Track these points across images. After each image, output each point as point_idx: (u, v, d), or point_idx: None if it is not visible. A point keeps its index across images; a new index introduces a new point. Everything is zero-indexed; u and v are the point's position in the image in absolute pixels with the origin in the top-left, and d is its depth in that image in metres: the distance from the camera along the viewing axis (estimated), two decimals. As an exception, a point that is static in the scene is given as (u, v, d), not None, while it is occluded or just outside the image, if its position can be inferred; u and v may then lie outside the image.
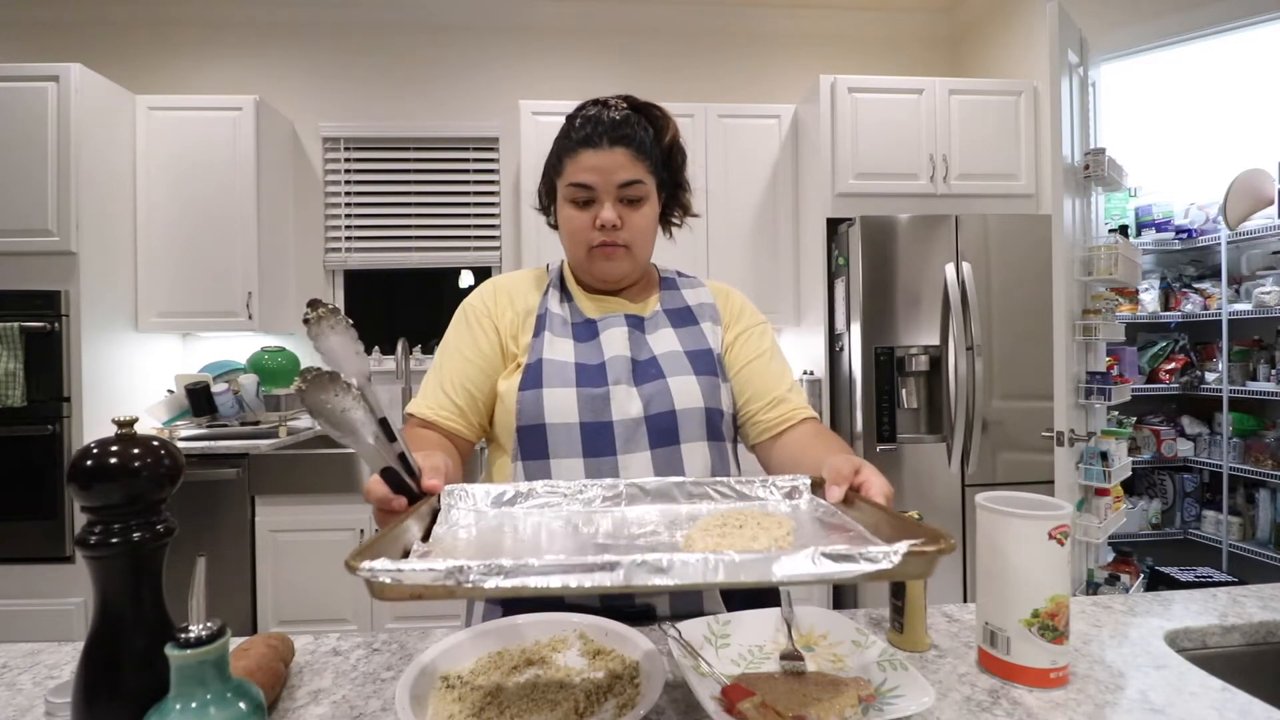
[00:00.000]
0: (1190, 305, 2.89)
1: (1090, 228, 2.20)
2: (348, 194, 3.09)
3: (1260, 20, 2.24)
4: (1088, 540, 1.99)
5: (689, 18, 3.20)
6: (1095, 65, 2.43)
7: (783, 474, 0.76)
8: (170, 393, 2.66)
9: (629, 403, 0.87)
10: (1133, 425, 2.60)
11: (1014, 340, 2.43)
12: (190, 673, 0.47)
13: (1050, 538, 0.64)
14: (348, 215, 3.10)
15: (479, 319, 0.95)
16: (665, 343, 0.94)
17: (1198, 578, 2.66)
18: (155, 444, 0.55)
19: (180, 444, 2.36)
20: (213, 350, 2.97)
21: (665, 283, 1.03)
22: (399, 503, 0.61)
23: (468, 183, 3.14)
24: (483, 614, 0.88)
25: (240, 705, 0.48)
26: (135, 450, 0.53)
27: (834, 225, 2.64)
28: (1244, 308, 2.67)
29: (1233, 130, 2.88)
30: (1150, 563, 2.85)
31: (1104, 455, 1.97)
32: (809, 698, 0.57)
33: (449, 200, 3.13)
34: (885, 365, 2.42)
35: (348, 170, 3.09)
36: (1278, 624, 0.79)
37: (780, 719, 0.53)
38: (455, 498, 0.68)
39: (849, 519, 0.62)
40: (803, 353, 2.89)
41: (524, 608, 0.78)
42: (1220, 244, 2.76)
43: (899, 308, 2.43)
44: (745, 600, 0.84)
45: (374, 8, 3.06)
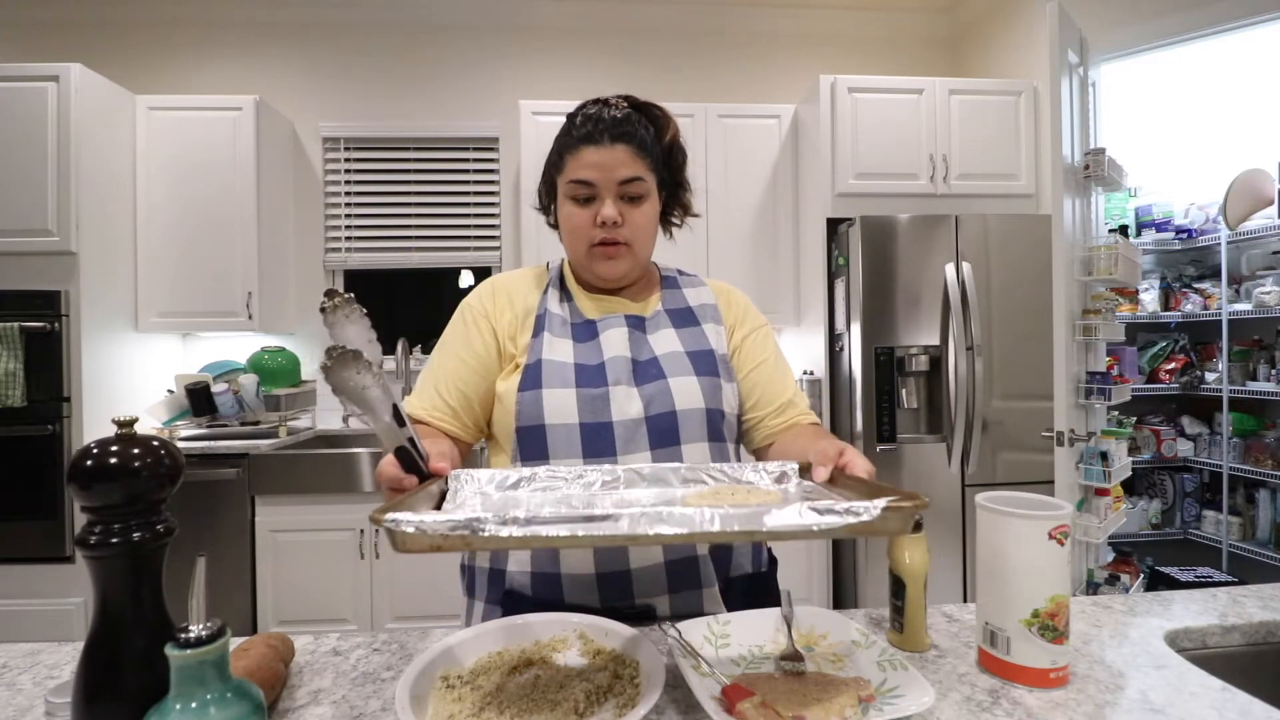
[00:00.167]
0: (1190, 305, 2.89)
1: (1090, 228, 2.20)
2: (348, 194, 3.09)
3: (1260, 20, 2.24)
4: (1088, 540, 1.99)
5: (689, 18, 3.20)
6: (1095, 65, 2.43)
7: None
8: (170, 393, 2.66)
9: (629, 403, 0.87)
10: (1133, 425, 2.60)
11: (1014, 340, 2.43)
12: (190, 673, 0.47)
13: (1050, 538, 0.64)
14: (348, 215, 3.10)
15: (476, 320, 0.95)
16: (666, 343, 0.94)
17: (1198, 578, 2.66)
18: (155, 444, 0.55)
19: (180, 444, 2.36)
20: (213, 350, 2.97)
21: (666, 282, 1.03)
22: (410, 482, 0.64)
23: (468, 183, 3.14)
24: (482, 614, 0.88)
25: (240, 705, 0.48)
26: (135, 450, 0.53)
27: (834, 225, 2.64)
28: (1244, 308, 2.67)
29: (1233, 130, 2.88)
30: (1150, 563, 2.85)
31: (1104, 455, 1.97)
32: (809, 698, 0.57)
33: (449, 200, 3.13)
34: (885, 365, 2.42)
35: (348, 170, 3.09)
36: (1278, 624, 0.79)
37: (780, 719, 0.53)
38: (461, 481, 0.72)
39: (834, 494, 0.66)
40: (803, 353, 2.89)
41: (524, 609, 0.79)
42: (1220, 244, 2.76)
43: (899, 308, 2.43)
44: (745, 600, 0.84)
45: (374, 8, 3.06)
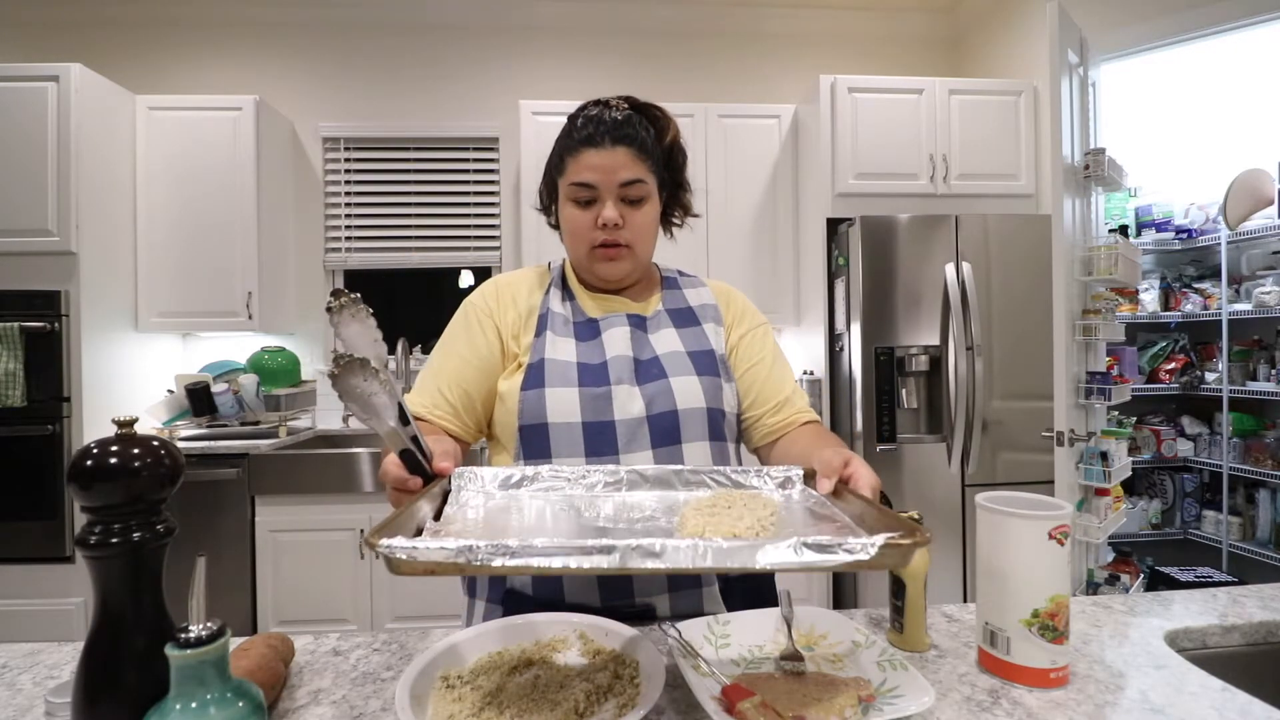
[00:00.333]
0: (1190, 305, 2.89)
1: (1090, 228, 2.20)
2: (348, 194, 3.09)
3: (1260, 20, 2.24)
4: (1088, 540, 1.99)
5: (689, 18, 3.20)
6: (1095, 65, 2.43)
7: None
8: (170, 393, 2.66)
9: (631, 402, 0.88)
10: (1133, 425, 2.60)
11: (1014, 340, 2.43)
12: (190, 673, 0.47)
13: (1050, 538, 0.64)
14: (348, 215, 3.10)
15: (479, 318, 0.95)
16: (667, 343, 0.94)
17: (1198, 578, 2.66)
18: (155, 444, 0.55)
19: (180, 444, 2.36)
20: (213, 350, 2.97)
21: (667, 282, 1.03)
22: (414, 483, 0.65)
23: (468, 183, 3.14)
24: (483, 614, 0.88)
25: (240, 705, 0.48)
26: (135, 450, 0.53)
27: (834, 225, 2.64)
28: (1244, 308, 2.67)
29: (1233, 130, 2.88)
30: (1150, 563, 2.85)
31: (1104, 455, 1.97)
32: (809, 698, 0.57)
33: (449, 200, 3.13)
34: (885, 365, 2.42)
35: (348, 170, 3.09)
36: (1278, 624, 0.79)
37: (780, 719, 0.53)
38: (465, 480, 0.72)
39: (836, 509, 0.65)
40: (803, 353, 2.90)
41: (526, 608, 0.79)
42: (1220, 244, 2.76)
43: (899, 308, 2.43)
44: (745, 600, 0.84)
45: (374, 8, 3.06)
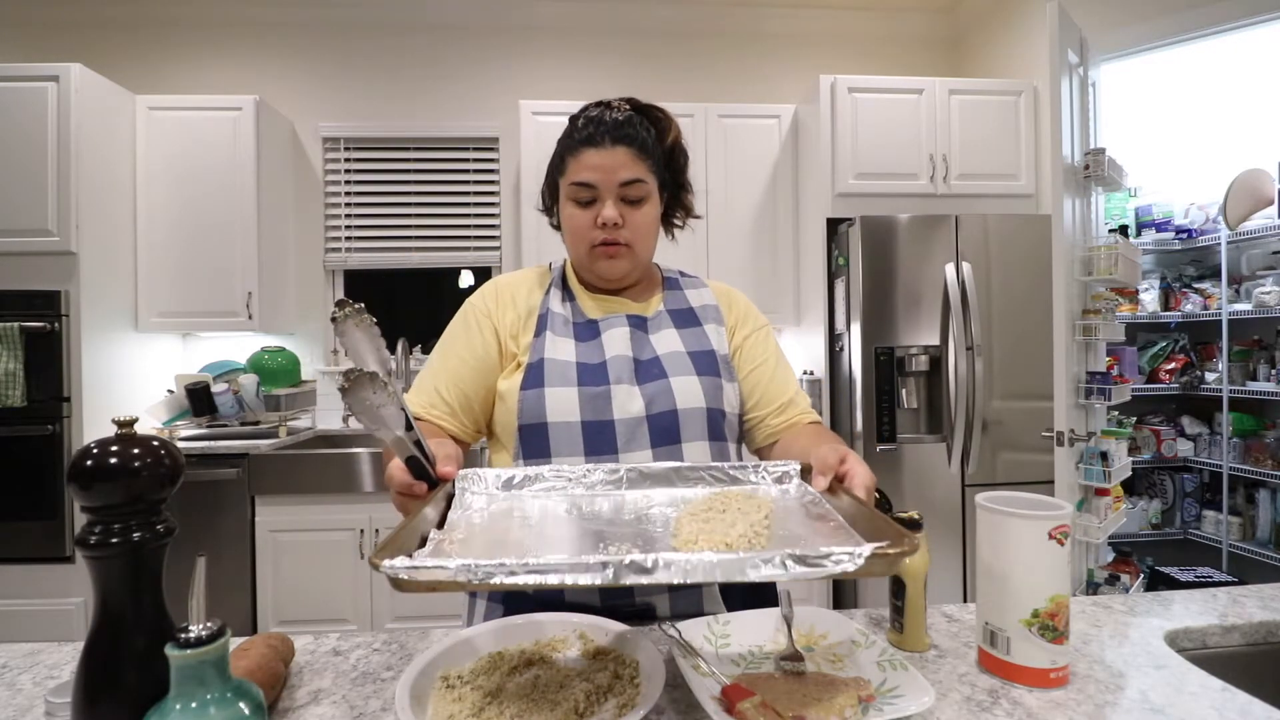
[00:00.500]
0: (1190, 305, 2.89)
1: (1090, 228, 2.20)
2: (348, 194, 3.09)
3: (1260, 20, 2.24)
4: (1088, 540, 1.99)
5: (689, 18, 3.20)
6: (1095, 65, 2.43)
7: None
8: (170, 393, 2.66)
9: (630, 402, 0.88)
10: (1133, 425, 2.60)
11: (1014, 340, 2.43)
12: (190, 673, 0.47)
13: (1050, 538, 0.64)
14: (348, 215, 3.10)
15: (479, 319, 0.96)
16: (668, 343, 0.95)
17: (1198, 578, 2.66)
18: (155, 444, 0.55)
19: (180, 444, 2.36)
20: (213, 350, 2.97)
21: (668, 283, 1.04)
22: (419, 488, 0.66)
23: (468, 183, 3.14)
24: (484, 613, 0.88)
25: (240, 705, 0.48)
26: (135, 450, 0.53)
27: (834, 225, 2.64)
28: (1244, 308, 2.67)
29: (1233, 130, 2.88)
30: (1150, 563, 2.85)
31: (1104, 455, 1.97)
32: (809, 698, 0.57)
33: (449, 200, 3.13)
34: (885, 365, 2.42)
35: (348, 170, 3.09)
36: (1278, 624, 0.79)
37: (780, 719, 0.53)
38: (469, 482, 0.73)
39: (830, 508, 0.66)
40: (803, 353, 2.89)
41: (526, 607, 0.79)
42: (1220, 244, 2.76)
43: (899, 308, 2.43)
44: (745, 600, 0.84)
45: (374, 8, 3.06)
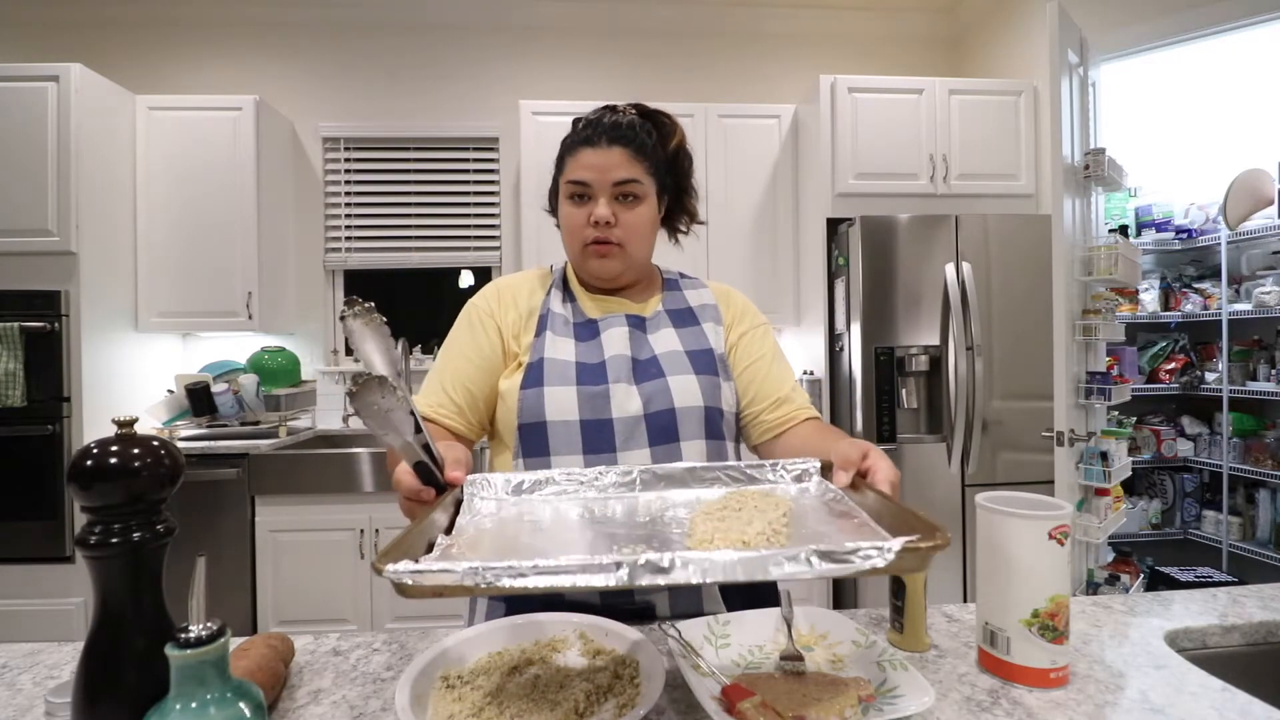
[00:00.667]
0: (1190, 305, 2.89)
1: (1090, 228, 2.20)
2: (348, 194, 3.09)
3: (1260, 20, 2.24)
4: (1088, 540, 1.99)
5: (689, 18, 3.20)
6: (1095, 65, 2.43)
7: None
8: (170, 393, 2.66)
9: (628, 401, 0.89)
10: (1133, 425, 2.60)
11: (1014, 340, 2.43)
12: (190, 673, 0.47)
13: (1050, 538, 0.64)
14: (348, 215, 3.10)
15: (482, 320, 0.97)
16: (666, 342, 0.95)
17: (1198, 578, 2.66)
18: (155, 444, 0.55)
19: (180, 444, 2.36)
20: (213, 350, 2.97)
21: (668, 284, 1.05)
22: (428, 494, 0.65)
23: (468, 183, 3.14)
24: (486, 610, 0.89)
25: (240, 705, 0.48)
26: (135, 450, 0.53)
27: (834, 225, 2.64)
28: (1244, 308, 2.67)
29: (1233, 130, 2.88)
30: (1150, 563, 2.85)
31: (1104, 455, 1.97)
32: (809, 698, 0.57)
33: (449, 200, 3.13)
34: (885, 365, 2.42)
35: (348, 170, 3.09)
36: (1278, 624, 0.79)
37: (780, 719, 0.53)
38: (477, 487, 0.71)
39: (854, 505, 0.63)
40: (803, 353, 2.89)
41: (528, 606, 0.79)
42: (1220, 244, 2.76)
43: (899, 308, 2.43)
44: (745, 600, 0.84)
45: (374, 8, 3.06)
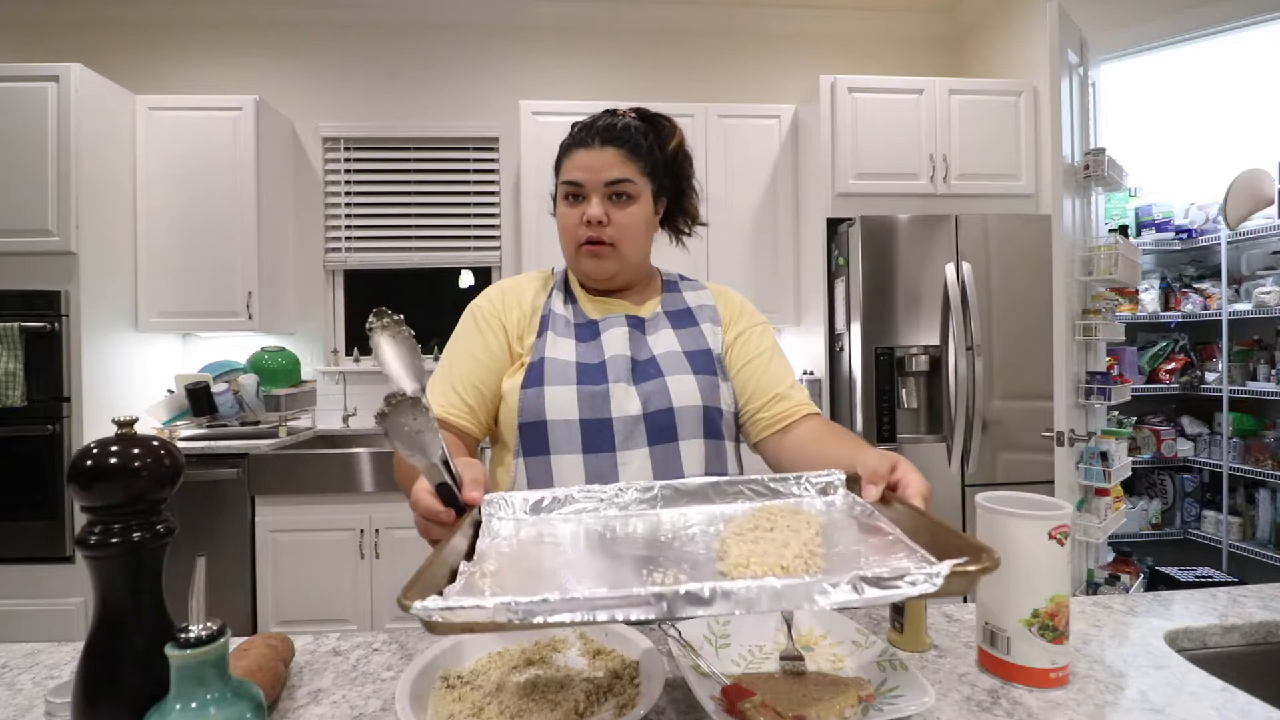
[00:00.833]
0: (1190, 305, 2.89)
1: (1090, 228, 2.20)
2: (348, 194, 3.09)
3: (1260, 20, 2.24)
4: (1088, 540, 1.99)
5: (689, 18, 3.20)
6: (1095, 65, 2.43)
7: (791, 469, 0.77)
8: (170, 393, 2.66)
9: (628, 400, 0.89)
10: (1133, 425, 2.60)
11: (1014, 340, 2.43)
12: (190, 673, 0.47)
13: (1050, 538, 0.64)
14: (348, 215, 3.10)
15: (487, 320, 0.97)
16: (665, 343, 0.96)
17: (1198, 578, 2.66)
18: (155, 444, 0.55)
19: (180, 444, 2.36)
20: (213, 350, 2.97)
21: (668, 285, 1.06)
22: (447, 515, 0.63)
23: (468, 183, 3.14)
24: None
25: (240, 705, 0.48)
26: (135, 450, 0.53)
27: (834, 225, 2.64)
28: (1244, 308, 2.67)
29: (1233, 130, 2.88)
30: (1150, 563, 2.85)
31: (1104, 455, 1.97)
32: (809, 698, 0.57)
33: (449, 200, 3.13)
34: (885, 365, 2.42)
35: (348, 170, 3.09)
36: (1278, 624, 0.79)
37: (780, 719, 0.53)
38: (495, 507, 0.69)
39: (885, 521, 0.61)
40: (803, 353, 2.89)
41: None
42: (1220, 244, 2.76)
43: (899, 308, 2.43)
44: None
45: (374, 8, 3.06)
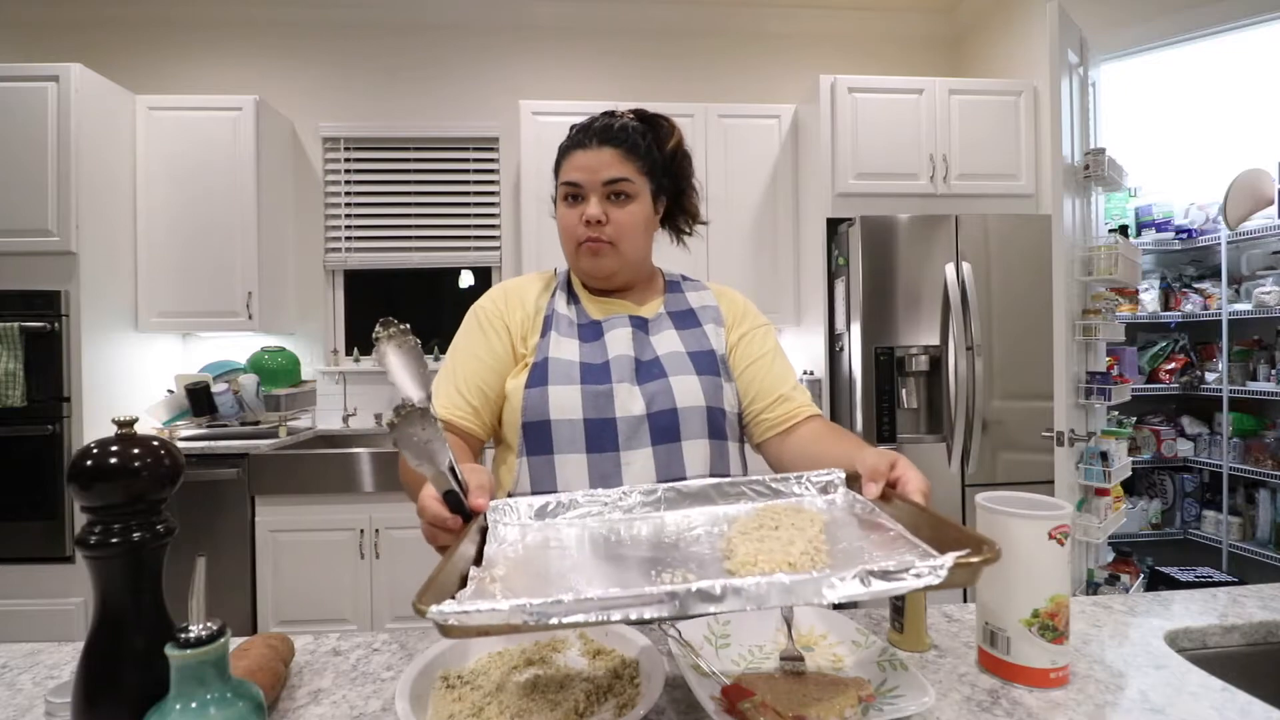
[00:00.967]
0: (1190, 305, 2.89)
1: (1090, 228, 2.20)
2: (348, 194, 3.09)
3: (1260, 20, 2.24)
4: (1088, 540, 1.99)
5: (689, 18, 3.20)
6: (1095, 65, 2.43)
7: (793, 469, 0.78)
8: (170, 393, 2.66)
9: (631, 400, 0.89)
10: (1133, 425, 2.60)
11: (1014, 340, 2.43)
12: (190, 673, 0.47)
13: (1050, 538, 0.64)
14: (348, 215, 3.10)
15: (491, 321, 0.97)
16: (668, 343, 0.96)
17: (1198, 578, 2.66)
18: (155, 444, 0.55)
19: (180, 444, 2.36)
20: (213, 350, 2.97)
21: (670, 286, 1.06)
22: (454, 522, 0.63)
23: (468, 183, 3.14)
24: None
25: (240, 705, 0.48)
26: (135, 450, 0.53)
27: (834, 225, 2.64)
28: (1244, 308, 2.67)
29: (1233, 130, 2.88)
30: (1150, 563, 2.85)
31: (1104, 455, 1.97)
32: (809, 698, 0.57)
33: (449, 200, 3.13)
34: (885, 365, 2.42)
35: (348, 170, 3.09)
36: (1278, 624, 0.79)
37: (780, 719, 0.53)
38: (500, 513, 0.70)
39: (886, 517, 0.62)
40: (803, 353, 2.89)
41: None
42: (1220, 244, 2.76)
43: (899, 308, 2.43)
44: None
45: (374, 8, 3.06)
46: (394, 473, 2.36)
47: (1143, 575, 2.31)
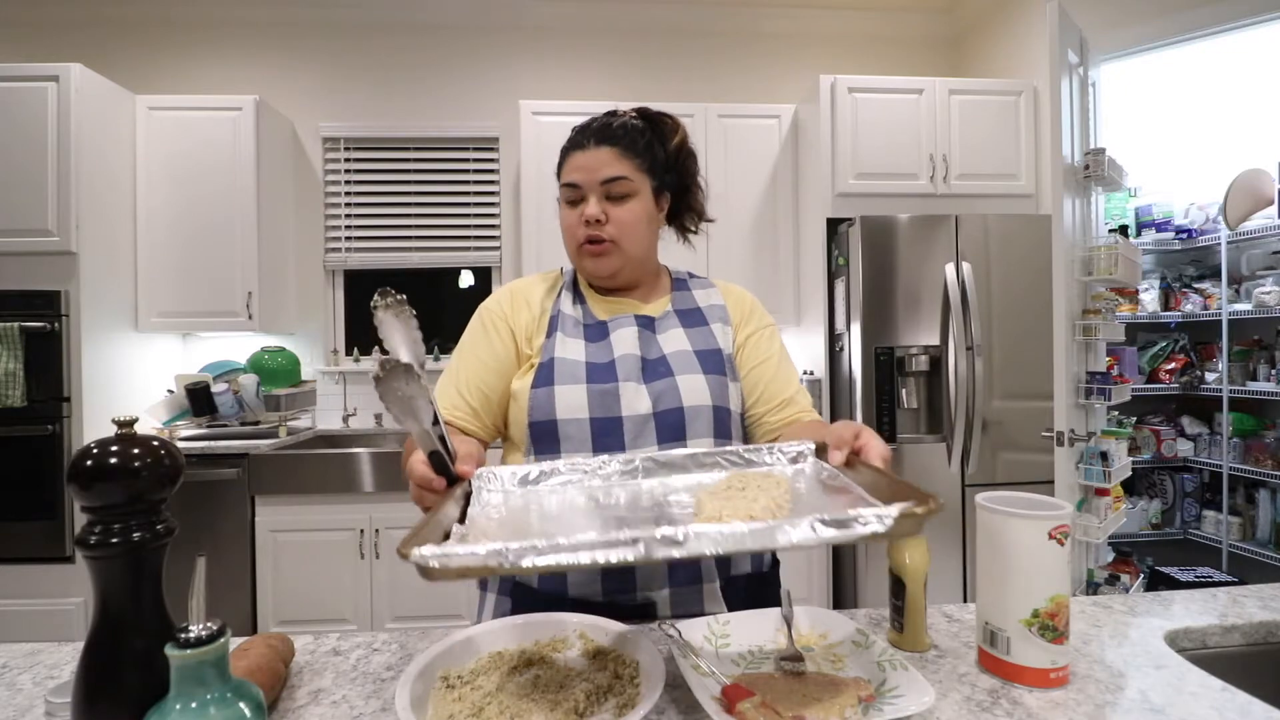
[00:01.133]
0: (1190, 305, 2.89)
1: (1090, 228, 2.20)
2: (348, 194, 3.09)
3: (1260, 20, 2.24)
4: (1088, 540, 1.99)
5: (689, 18, 3.20)
6: (1095, 65, 2.43)
7: None
8: (170, 393, 2.66)
9: (638, 400, 0.89)
10: (1133, 425, 2.60)
11: (1014, 340, 2.43)
12: (190, 673, 0.47)
13: (1050, 538, 0.64)
14: (348, 215, 3.10)
15: (495, 322, 0.98)
16: (675, 342, 0.96)
17: (1198, 578, 2.66)
18: (155, 444, 0.55)
19: (180, 444, 2.36)
20: (213, 350, 2.97)
21: (677, 284, 1.06)
22: (439, 483, 0.66)
23: (468, 183, 3.14)
24: (494, 606, 0.90)
25: (240, 705, 0.48)
26: (135, 450, 0.53)
27: (834, 225, 2.64)
28: (1244, 308, 2.67)
29: (1233, 130, 2.88)
30: (1150, 563, 2.85)
31: (1104, 455, 1.97)
32: (809, 698, 0.57)
33: (449, 200, 3.13)
34: (885, 365, 2.42)
35: (348, 170, 3.09)
36: (1278, 624, 0.79)
37: (780, 719, 0.53)
38: (484, 480, 0.73)
39: (849, 480, 0.65)
40: (803, 353, 2.89)
41: (531, 600, 0.80)
42: (1220, 244, 2.76)
43: (899, 308, 2.43)
44: (746, 599, 0.85)
45: (374, 8, 3.06)
46: (394, 473, 2.36)
47: (1143, 575, 2.31)
